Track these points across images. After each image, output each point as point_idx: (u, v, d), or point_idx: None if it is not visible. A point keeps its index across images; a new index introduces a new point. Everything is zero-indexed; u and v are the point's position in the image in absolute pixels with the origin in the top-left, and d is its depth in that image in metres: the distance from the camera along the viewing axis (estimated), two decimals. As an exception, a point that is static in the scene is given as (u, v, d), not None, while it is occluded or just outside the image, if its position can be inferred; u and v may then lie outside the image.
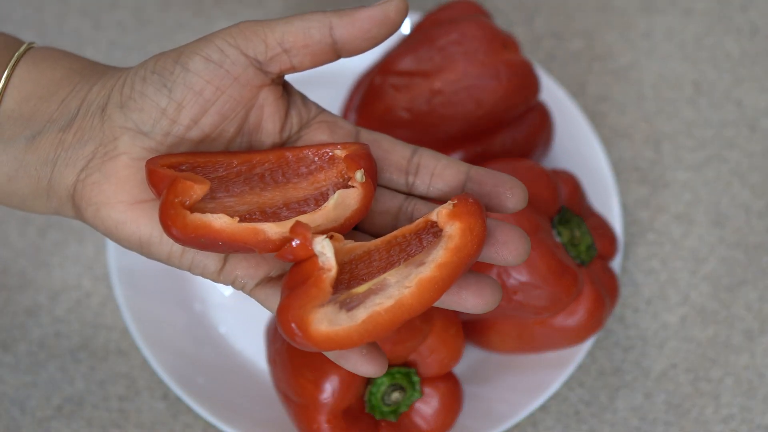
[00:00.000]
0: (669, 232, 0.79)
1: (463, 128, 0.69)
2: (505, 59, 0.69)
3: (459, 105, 0.69)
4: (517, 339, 0.67)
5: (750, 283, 0.78)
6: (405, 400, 0.64)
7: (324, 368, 0.61)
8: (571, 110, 0.80)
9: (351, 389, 0.62)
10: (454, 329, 0.64)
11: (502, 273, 0.63)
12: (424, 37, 0.71)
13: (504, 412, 0.70)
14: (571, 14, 0.88)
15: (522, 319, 0.66)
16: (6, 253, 0.79)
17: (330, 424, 0.62)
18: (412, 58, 0.70)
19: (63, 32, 0.87)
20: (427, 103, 0.69)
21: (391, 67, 0.71)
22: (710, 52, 0.87)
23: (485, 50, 0.69)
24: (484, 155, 0.70)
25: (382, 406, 0.64)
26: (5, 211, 0.80)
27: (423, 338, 0.62)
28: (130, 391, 0.74)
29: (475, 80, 0.69)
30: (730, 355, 0.75)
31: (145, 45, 0.87)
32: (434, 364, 0.64)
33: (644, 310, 0.77)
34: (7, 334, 0.76)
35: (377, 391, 0.63)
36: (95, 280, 0.78)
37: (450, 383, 0.65)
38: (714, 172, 0.82)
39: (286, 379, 0.64)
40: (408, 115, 0.69)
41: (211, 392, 0.71)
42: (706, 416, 0.73)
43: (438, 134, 0.69)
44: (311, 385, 0.62)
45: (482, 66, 0.69)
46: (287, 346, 0.64)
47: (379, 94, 0.70)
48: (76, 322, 0.76)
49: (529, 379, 0.71)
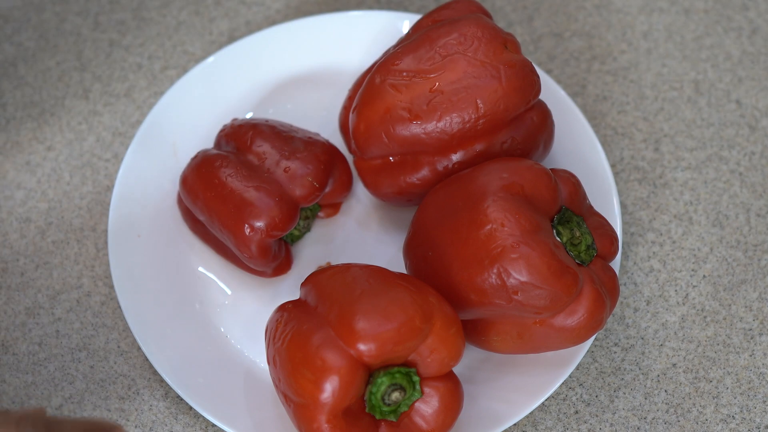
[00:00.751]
0: (669, 232, 0.79)
1: (464, 128, 0.69)
2: (505, 59, 0.69)
3: (459, 104, 0.69)
4: (517, 339, 0.67)
5: (750, 283, 0.78)
6: (405, 399, 0.64)
7: (324, 368, 0.61)
8: (572, 110, 0.80)
9: (351, 389, 0.62)
10: (454, 329, 0.64)
11: (502, 272, 0.63)
12: (423, 37, 0.71)
13: (504, 412, 0.70)
14: (571, 14, 0.88)
15: (522, 319, 0.66)
16: (6, 253, 0.79)
17: (330, 424, 0.62)
18: (412, 58, 0.70)
19: (63, 32, 0.87)
20: (428, 102, 0.69)
21: (390, 67, 0.71)
22: (710, 52, 0.87)
23: (486, 50, 0.69)
24: (484, 155, 0.70)
25: (382, 405, 0.64)
26: (5, 210, 0.80)
27: (423, 338, 0.62)
28: (130, 391, 0.74)
29: (475, 80, 0.69)
30: (730, 355, 0.75)
31: (145, 45, 0.87)
32: (434, 363, 0.64)
33: (644, 310, 0.77)
34: (7, 334, 0.76)
35: (377, 390, 0.63)
36: (95, 280, 0.78)
37: (450, 383, 0.65)
38: (714, 172, 0.82)
39: (285, 379, 0.64)
40: (408, 114, 0.69)
41: (211, 392, 0.71)
42: (706, 416, 0.73)
43: (438, 134, 0.69)
44: (311, 385, 0.61)
45: (483, 66, 0.69)
46: (287, 346, 0.64)
47: (378, 93, 0.70)
48: (76, 322, 0.76)
49: (528, 379, 0.71)
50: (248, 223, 0.71)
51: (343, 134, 0.76)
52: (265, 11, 0.88)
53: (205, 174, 0.73)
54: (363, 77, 0.76)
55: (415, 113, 0.69)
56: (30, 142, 0.83)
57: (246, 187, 0.72)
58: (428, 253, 0.68)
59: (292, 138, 0.75)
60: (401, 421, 0.65)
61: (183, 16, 0.88)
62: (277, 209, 0.71)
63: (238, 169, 0.73)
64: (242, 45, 0.82)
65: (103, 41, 0.87)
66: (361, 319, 0.61)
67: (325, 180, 0.74)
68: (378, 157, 0.72)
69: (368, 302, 0.62)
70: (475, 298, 0.65)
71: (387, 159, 0.72)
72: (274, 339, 0.66)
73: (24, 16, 0.88)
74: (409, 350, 0.62)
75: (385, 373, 0.63)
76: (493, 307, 0.65)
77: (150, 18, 0.88)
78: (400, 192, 0.72)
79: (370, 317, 0.61)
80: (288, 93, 0.83)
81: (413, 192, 0.72)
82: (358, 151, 0.73)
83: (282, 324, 0.66)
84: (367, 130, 0.71)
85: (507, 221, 0.64)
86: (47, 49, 0.86)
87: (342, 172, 0.75)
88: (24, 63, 0.86)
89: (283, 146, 0.74)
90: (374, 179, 0.73)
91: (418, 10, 0.88)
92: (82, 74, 0.85)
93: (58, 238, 0.79)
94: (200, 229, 0.76)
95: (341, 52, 0.83)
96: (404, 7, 0.88)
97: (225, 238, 0.73)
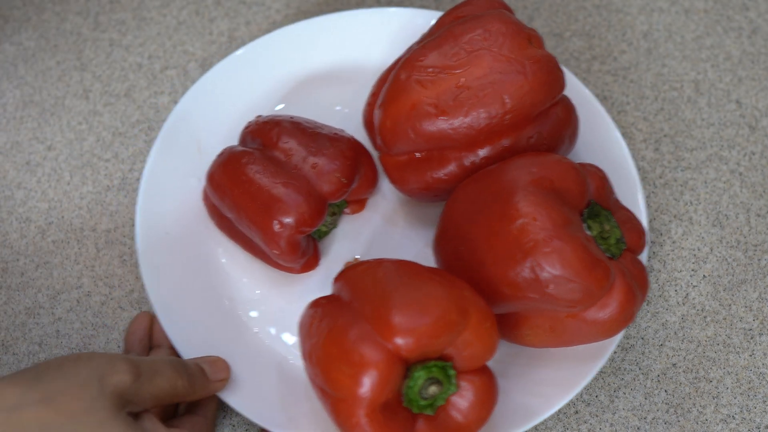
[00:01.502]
0: (669, 232, 0.79)
1: (490, 123, 0.69)
2: (530, 54, 0.69)
3: (486, 100, 0.69)
4: (549, 332, 0.67)
5: (750, 283, 0.78)
6: (441, 393, 0.64)
7: (362, 362, 0.61)
8: (592, 104, 0.79)
9: (389, 383, 0.62)
10: (489, 323, 0.64)
11: (535, 266, 0.64)
12: (447, 33, 0.71)
13: (536, 406, 0.70)
14: (571, 14, 0.88)
15: (554, 313, 0.66)
16: (6, 253, 0.79)
17: (369, 418, 0.62)
18: (437, 54, 0.70)
19: (63, 32, 0.87)
20: (454, 98, 0.69)
21: (415, 63, 0.71)
22: (710, 52, 0.87)
23: (510, 45, 0.69)
24: (510, 150, 0.70)
25: (419, 399, 0.64)
26: (5, 210, 0.80)
27: (459, 332, 0.62)
28: (130, 391, 0.74)
29: (501, 75, 0.69)
30: (730, 355, 0.75)
31: (145, 45, 0.87)
32: (470, 357, 0.64)
33: (644, 310, 0.77)
34: (7, 334, 0.76)
35: (414, 384, 0.63)
36: (95, 280, 0.78)
37: (485, 377, 0.65)
38: (714, 172, 0.82)
39: (323, 373, 0.64)
40: (434, 110, 0.69)
41: (245, 388, 0.71)
42: (706, 416, 0.73)
43: (465, 129, 0.69)
44: (349, 379, 0.61)
45: (508, 61, 0.69)
46: (324, 342, 0.64)
47: (404, 90, 0.70)
48: (76, 322, 0.76)
49: (560, 373, 0.71)
50: (277, 219, 0.71)
51: (368, 131, 0.76)
52: (265, 11, 0.88)
53: (233, 171, 0.73)
54: (386, 74, 0.75)
55: (441, 109, 0.69)
56: (30, 142, 0.83)
57: (274, 183, 0.72)
58: (460, 247, 0.68)
59: (318, 134, 0.75)
60: (438, 415, 0.65)
61: (183, 16, 0.88)
62: (305, 205, 0.71)
63: (266, 166, 0.73)
64: (263, 42, 0.82)
65: (103, 41, 0.87)
66: (398, 314, 0.61)
67: (353, 176, 0.74)
68: (404, 153, 0.72)
69: (405, 296, 0.62)
70: (509, 291, 0.65)
71: (413, 155, 0.72)
72: (309, 334, 0.66)
73: (24, 16, 0.88)
74: (446, 344, 0.63)
75: (422, 367, 0.63)
76: (526, 301, 0.65)
77: (150, 18, 0.88)
78: (426, 187, 0.73)
79: (408, 311, 0.61)
80: (308, 90, 0.83)
81: (440, 187, 0.72)
82: (384, 147, 0.73)
83: (317, 319, 0.66)
84: (393, 126, 0.71)
85: (539, 215, 0.64)
86: (47, 49, 0.86)
87: (368, 168, 0.75)
88: (24, 63, 0.86)
89: (309, 143, 0.74)
90: (400, 175, 0.73)
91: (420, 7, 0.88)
92: (82, 74, 0.85)
93: (58, 238, 0.79)
94: (227, 225, 0.76)
95: (361, 49, 0.83)
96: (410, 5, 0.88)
97: (253, 235, 0.73)
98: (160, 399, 0.64)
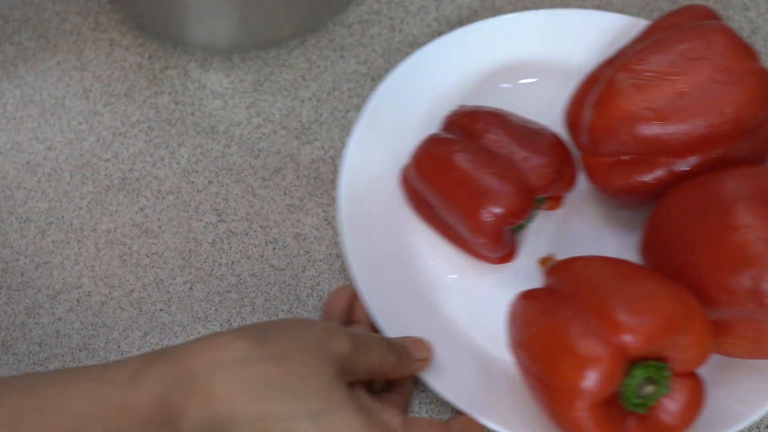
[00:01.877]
0: (669, 231, 0.79)
1: (707, 132, 0.69)
2: (749, 67, 0.70)
3: (705, 108, 0.69)
4: (752, 343, 0.67)
5: (750, 282, 0.78)
6: (654, 394, 0.64)
7: (589, 356, 0.61)
8: None
9: (614, 379, 0.62)
10: (708, 328, 0.64)
11: (757, 276, 0.64)
12: (664, 40, 0.71)
13: (738, 411, 0.69)
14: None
15: (762, 324, 0.66)
16: (6, 253, 0.79)
17: (590, 412, 0.62)
18: (655, 60, 0.70)
19: (63, 32, 0.87)
20: (672, 104, 0.69)
21: (633, 66, 0.71)
22: (710, 52, 0.87)
23: (730, 57, 0.70)
24: (721, 160, 0.70)
25: (634, 398, 0.64)
26: (5, 210, 0.80)
27: (681, 334, 0.62)
28: (130, 391, 0.74)
29: (720, 86, 0.69)
30: (730, 354, 0.75)
31: (145, 45, 0.87)
32: (686, 360, 0.64)
33: (645, 310, 0.77)
34: (7, 334, 0.76)
35: (632, 382, 0.63)
36: (95, 280, 0.78)
37: (696, 381, 0.65)
38: (714, 172, 0.82)
39: (543, 364, 0.64)
40: (651, 114, 0.69)
41: (442, 370, 0.71)
42: (707, 416, 0.73)
43: (681, 136, 0.70)
44: (574, 372, 0.62)
45: (728, 73, 0.69)
46: (544, 332, 0.64)
47: (620, 92, 0.71)
48: (77, 322, 0.76)
49: (755, 386, 0.70)
50: (486, 209, 0.71)
51: (571, 129, 0.75)
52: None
53: (442, 157, 0.73)
54: (594, 75, 0.75)
55: (658, 113, 0.69)
56: (30, 142, 0.83)
57: (485, 172, 0.72)
58: (673, 252, 0.68)
59: (524, 128, 0.75)
60: (648, 415, 0.65)
61: (183, 16, 0.88)
62: (516, 197, 0.71)
63: (476, 155, 0.73)
64: (461, 33, 0.82)
65: (103, 41, 0.87)
66: (626, 311, 0.61)
67: (560, 171, 0.74)
68: (610, 155, 0.72)
69: (632, 293, 0.63)
70: (724, 299, 0.65)
71: (618, 157, 0.72)
72: (526, 323, 0.66)
73: (24, 16, 0.88)
74: (668, 345, 0.63)
75: (642, 366, 0.63)
76: (740, 309, 0.65)
77: (150, 18, 0.88)
78: (631, 190, 0.72)
79: (636, 309, 0.62)
80: (502, 84, 0.82)
81: (645, 191, 0.72)
82: (592, 146, 0.72)
83: (534, 310, 0.66)
84: (606, 126, 0.71)
85: (761, 227, 0.64)
86: (47, 48, 0.86)
87: (569, 166, 0.75)
88: (24, 63, 0.86)
89: (517, 135, 0.74)
90: (605, 176, 0.73)
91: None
92: (82, 74, 0.85)
93: (58, 238, 0.79)
94: (426, 210, 0.76)
95: (563, 48, 0.83)
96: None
97: (457, 222, 0.73)
98: (371, 373, 0.64)
